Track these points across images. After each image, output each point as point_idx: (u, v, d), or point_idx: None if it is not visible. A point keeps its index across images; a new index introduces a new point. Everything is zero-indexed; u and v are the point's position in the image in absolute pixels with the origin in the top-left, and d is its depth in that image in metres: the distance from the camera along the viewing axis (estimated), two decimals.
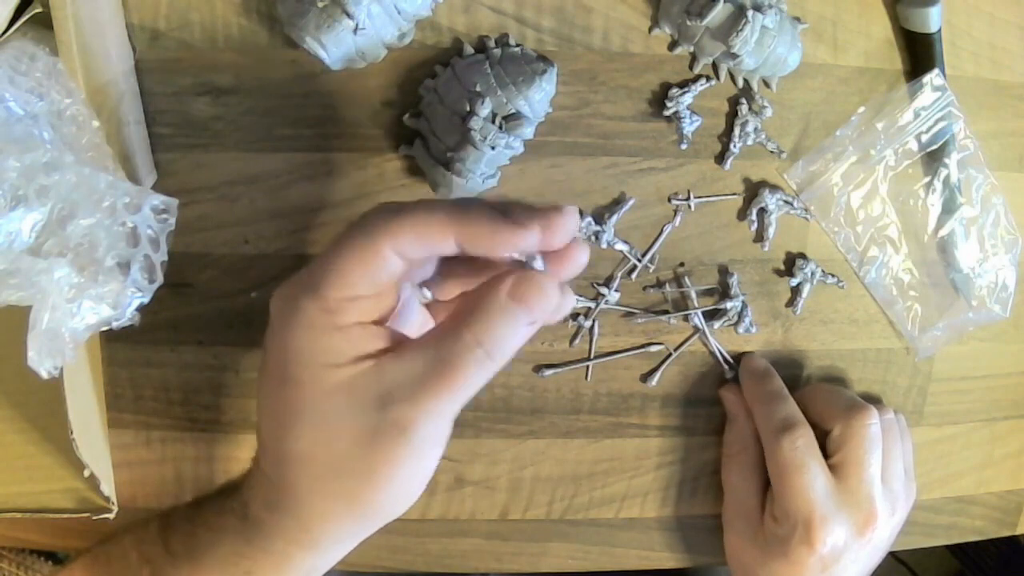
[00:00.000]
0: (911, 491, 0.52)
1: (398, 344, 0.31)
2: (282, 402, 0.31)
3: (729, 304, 0.54)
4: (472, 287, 0.32)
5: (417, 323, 0.34)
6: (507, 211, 0.31)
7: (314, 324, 0.30)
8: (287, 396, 0.31)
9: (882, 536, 0.50)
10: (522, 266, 0.31)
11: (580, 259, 0.32)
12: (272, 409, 0.32)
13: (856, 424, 0.49)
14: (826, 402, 0.51)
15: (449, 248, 0.30)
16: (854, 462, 0.48)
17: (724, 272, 0.55)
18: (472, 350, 0.29)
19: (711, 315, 0.55)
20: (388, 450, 0.30)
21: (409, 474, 0.31)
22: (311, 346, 0.30)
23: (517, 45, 0.50)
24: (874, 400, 0.54)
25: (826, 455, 0.49)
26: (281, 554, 0.35)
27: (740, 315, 0.55)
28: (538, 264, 0.31)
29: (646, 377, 0.55)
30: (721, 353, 0.55)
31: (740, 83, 0.52)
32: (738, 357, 0.56)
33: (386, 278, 0.30)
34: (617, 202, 0.53)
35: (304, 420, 0.30)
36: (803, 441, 0.48)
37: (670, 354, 0.55)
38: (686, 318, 0.55)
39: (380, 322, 0.32)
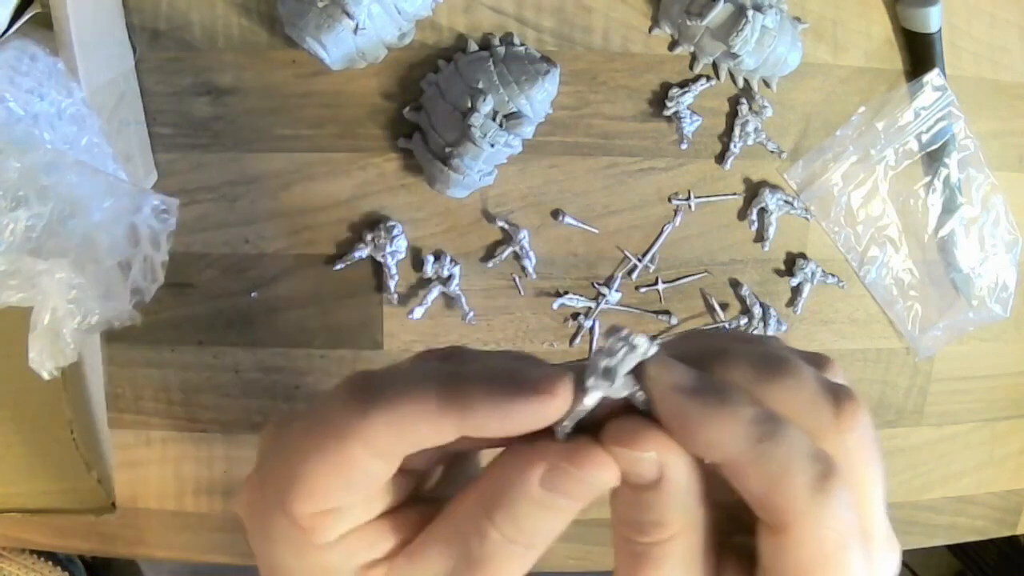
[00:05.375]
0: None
1: (407, 539, 0.25)
2: None
3: (754, 312, 0.54)
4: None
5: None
6: (512, 367, 0.23)
7: (292, 542, 0.24)
8: None
9: None
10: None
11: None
12: None
13: (856, 435, 0.24)
14: (789, 388, 0.24)
15: (448, 439, 0.22)
16: (867, 505, 0.25)
17: (735, 285, 0.55)
18: (503, 548, 0.23)
19: (739, 328, 0.55)
20: None
21: None
22: (299, 566, 0.24)
23: (521, 44, 0.50)
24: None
25: None
26: None
27: (765, 318, 0.55)
28: (565, 427, 0.22)
29: None
30: None
31: (740, 83, 0.52)
32: None
33: (371, 484, 0.23)
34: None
35: None
36: (846, 502, 0.22)
37: None
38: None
39: (392, 512, 0.25)
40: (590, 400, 0.21)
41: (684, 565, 0.23)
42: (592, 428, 0.22)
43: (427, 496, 0.26)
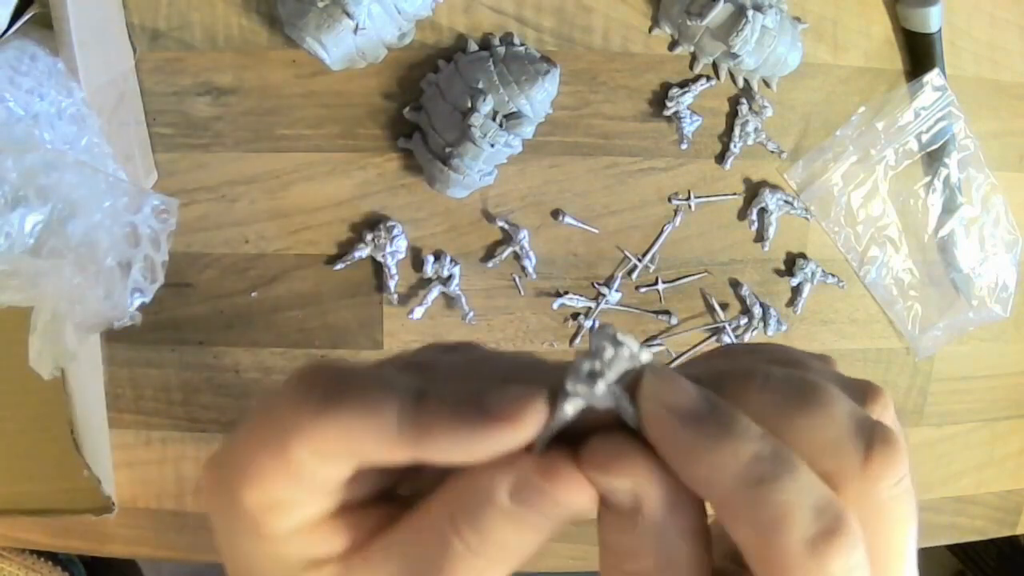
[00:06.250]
0: None
1: (367, 539, 0.23)
2: None
3: (754, 312, 0.54)
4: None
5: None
6: (481, 389, 0.20)
7: (243, 530, 0.22)
8: None
9: None
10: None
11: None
12: None
13: (887, 485, 0.20)
14: (815, 421, 0.20)
15: (403, 461, 0.21)
16: (889, 571, 0.22)
17: (735, 285, 0.55)
18: (465, 560, 0.21)
19: (739, 328, 0.55)
20: None
21: None
22: (251, 554, 0.23)
23: (521, 44, 0.50)
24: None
25: None
26: None
27: (765, 318, 0.55)
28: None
29: None
30: None
31: (740, 83, 0.52)
32: None
33: (320, 484, 0.21)
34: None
35: None
36: (853, 566, 0.19)
37: (681, 353, 0.55)
38: (714, 333, 0.55)
39: (349, 507, 0.23)
40: (570, 408, 0.19)
41: None
42: (579, 438, 0.19)
43: (403, 496, 0.24)
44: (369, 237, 0.51)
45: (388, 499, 0.24)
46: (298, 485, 0.21)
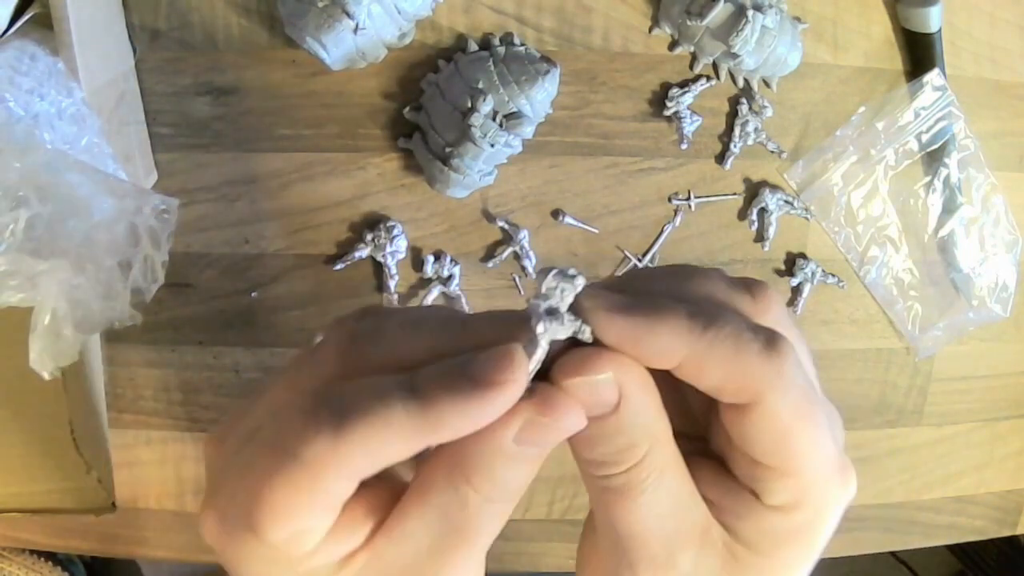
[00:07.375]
0: None
1: (382, 519, 0.25)
2: None
3: None
4: None
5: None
6: (463, 361, 0.22)
7: (272, 561, 0.24)
8: None
9: None
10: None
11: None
12: None
13: (775, 312, 0.26)
14: (704, 284, 0.26)
15: (417, 450, 0.23)
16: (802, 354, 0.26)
17: None
18: (483, 509, 0.23)
19: None
20: None
21: None
22: None
23: (521, 44, 0.50)
24: None
25: None
26: None
27: None
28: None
29: None
30: None
31: (740, 83, 0.52)
32: None
33: (342, 499, 0.23)
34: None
35: None
36: (800, 359, 0.24)
37: None
38: None
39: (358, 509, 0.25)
40: (543, 346, 0.21)
41: (666, 476, 0.24)
42: (538, 376, 0.22)
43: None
44: (369, 237, 0.51)
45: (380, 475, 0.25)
46: (324, 511, 0.23)
